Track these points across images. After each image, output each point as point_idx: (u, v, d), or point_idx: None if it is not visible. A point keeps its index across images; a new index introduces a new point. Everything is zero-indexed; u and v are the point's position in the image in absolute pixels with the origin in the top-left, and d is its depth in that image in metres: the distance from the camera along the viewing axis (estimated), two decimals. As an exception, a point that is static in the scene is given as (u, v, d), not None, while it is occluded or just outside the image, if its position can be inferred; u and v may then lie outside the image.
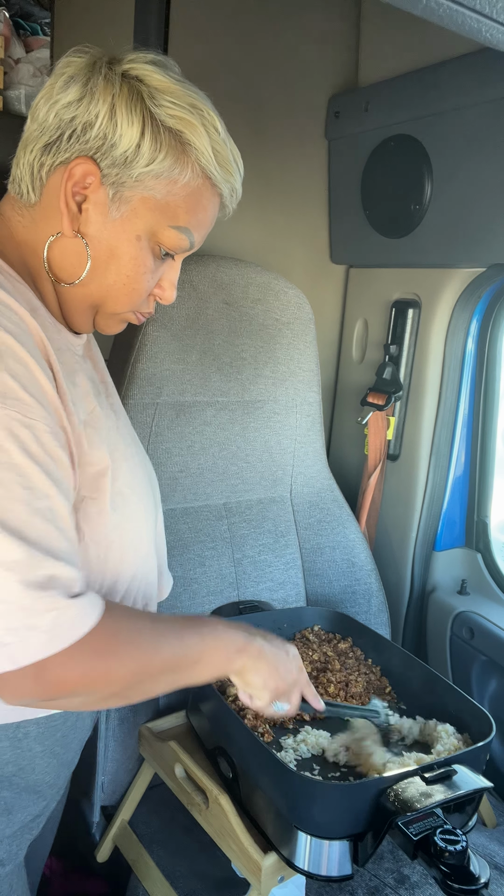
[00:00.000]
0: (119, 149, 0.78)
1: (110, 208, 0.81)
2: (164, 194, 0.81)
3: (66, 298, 0.86)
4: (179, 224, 0.83)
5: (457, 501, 1.81)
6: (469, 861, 0.94)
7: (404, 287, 1.77)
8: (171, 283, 0.90)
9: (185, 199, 0.82)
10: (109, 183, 0.79)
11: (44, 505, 0.71)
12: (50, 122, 0.79)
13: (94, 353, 0.99)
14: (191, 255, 1.53)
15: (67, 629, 0.70)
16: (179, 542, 1.50)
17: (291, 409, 1.66)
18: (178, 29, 1.52)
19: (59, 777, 0.96)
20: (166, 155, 0.79)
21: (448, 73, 1.48)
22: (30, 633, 0.68)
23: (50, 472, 0.72)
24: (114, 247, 0.82)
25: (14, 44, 1.98)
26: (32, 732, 0.88)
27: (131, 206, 0.81)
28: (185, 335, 1.48)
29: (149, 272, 0.85)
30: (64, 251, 0.83)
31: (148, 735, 1.34)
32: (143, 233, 0.82)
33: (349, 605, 1.69)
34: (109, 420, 0.89)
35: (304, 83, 1.76)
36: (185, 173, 0.81)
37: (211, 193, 0.85)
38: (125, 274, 0.84)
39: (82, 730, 0.98)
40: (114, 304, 0.86)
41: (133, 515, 0.88)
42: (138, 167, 0.79)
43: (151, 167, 0.79)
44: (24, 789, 0.90)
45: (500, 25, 0.68)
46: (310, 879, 1.11)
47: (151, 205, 0.81)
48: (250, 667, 0.93)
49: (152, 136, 0.78)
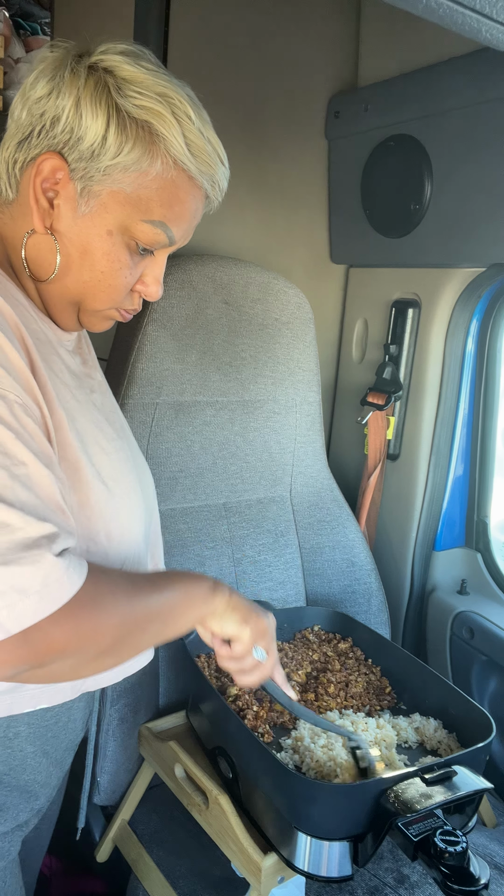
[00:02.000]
0: (85, 142, 0.77)
1: (79, 203, 0.80)
2: (134, 188, 0.79)
3: (46, 296, 0.86)
4: (153, 218, 0.81)
5: (457, 501, 1.81)
6: (469, 862, 0.94)
7: (404, 287, 1.77)
8: (155, 278, 0.87)
9: (158, 192, 0.80)
10: (78, 178, 0.78)
11: (21, 472, 0.70)
12: (23, 119, 0.79)
13: (85, 349, 0.98)
14: (190, 254, 1.53)
15: (57, 589, 0.69)
16: (179, 541, 1.50)
17: (291, 408, 1.66)
18: (178, 29, 1.52)
19: (51, 776, 0.95)
20: (133, 147, 0.77)
21: (448, 73, 1.48)
22: (19, 598, 0.66)
23: (25, 441, 0.71)
24: (85, 242, 0.81)
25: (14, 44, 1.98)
26: (23, 732, 0.88)
27: (100, 201, 0.80)
28: (184, 335, 1.48)
29: (125, 268, 0.83)
30: (38, 248, 0.83)
31: (148, 735, 1.34)
32: (114, 227, 0.81)
33: (349, 605, 1.69)
34: (89, 413, 0.88)
35: (304, 83, 1.76)
36: (156, 165, 0.79)
37: (189, 186, 0.82)
38: (99, 270, 0.82)
39: (73, 730, 0.98)
40: (93, 300, 0.85)
41: (118, 508, 0.87)
42: (105, 160, 0.77)
43: (118, 160, 0.77)
44: (15, 788, 0.90)
45: (500, 25, 0.68)
46: (310, 880, 1.11)
47: (121, 199, 0.79)
48: (226, 604, 0.91)
49: (118, 128, 0.77)
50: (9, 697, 0.83)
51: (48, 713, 0.90)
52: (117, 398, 1.42)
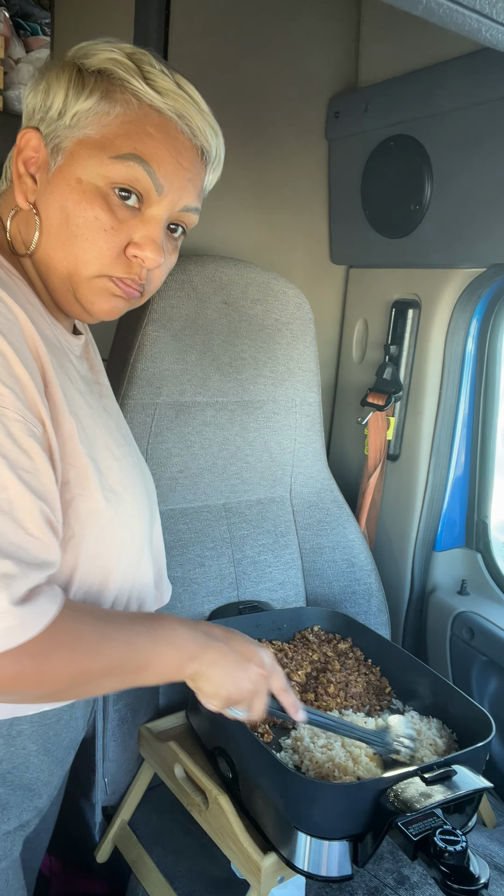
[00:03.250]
0: (53, 108, 0.80)
1: (50, 163, 0.81)
2: (97, 129, 0.79)
3: (47, 280, 0.85)
4: (122, 152, 0.78)
5: (457, 501, 1.81)
6: (469, 861, 0.94)
7: (404, 287, 1.77)
8: (149, 238, 0.81)
9: (124, 126, 0.79)
10: (49, 141, 0.81)
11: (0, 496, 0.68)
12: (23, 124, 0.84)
13: (92, 354, 0.99)
14: (190, 254, 1.52)
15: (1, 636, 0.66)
16: (179, 542, 1.50)
17: (291, 409, 1.66)
18: (178, 29, 1.52)
19: (53, 775, 0.96)
20: (92, 91, 0.79)
21: (448, 73, 1.48)
22: None
23: (14, 462, 0.69)
24: (61, 200, 0.80)
25: (14, 44, 1.98)
26: (26, 731, 0.88)
27: (68, 152, 0.80)
28: (184, 335, 1.48)
29: (102, 219, 0.79)
30: (20, 225, 0.84)
31: (148, 735, 1.34)
32: (83, 175, 0.79)
33: (349, 606, 1.69)
34: (101, 419, 0.88)
35: (304, 83, 1.76)
36: (117, 106, 0.79)
37: (159, 120, 0.80)
38: (77, 224, 0.79)
39: (75, 729, 0.98)
40: (83, 266, 0.81)
41: (126, 515, 0.87)
42: (69, 115, 0.79)
43: (77, 107, 0.79)
44: (18, 787, 0.90)
45: (500, 25, 0.68)
46: (309, 880, 1.11)
47: (88, 144, 0.79)
48: (201, 674, 0.87)
49: (78, 83, 0.79)
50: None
51: (50, 712, 0.90)
52: (117, 398, 1.42)
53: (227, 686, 0.89)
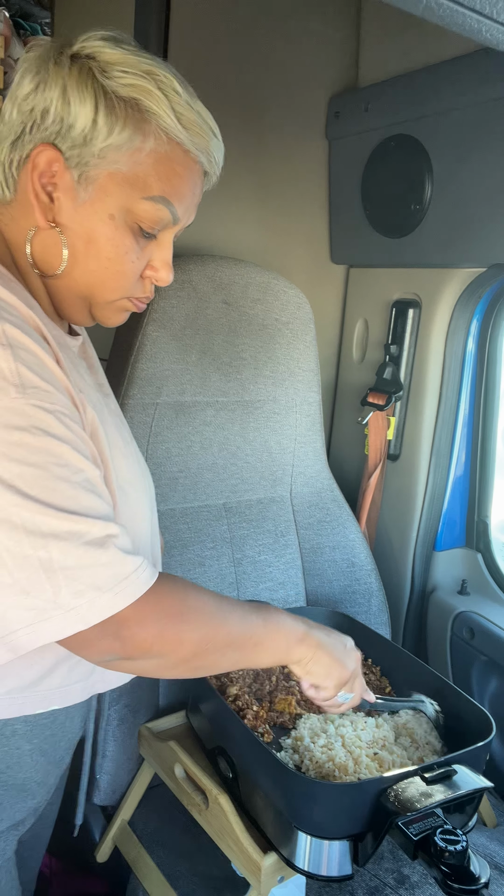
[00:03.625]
0: (76, 129, 0.77)
1: (78, 191, 0.79)
2: (130, 166, 0.79)
3: (56, 292, 0.86)
4: (153, 194, 0.80)
5: (457, 501, 1.81)
6: (469, 861, 0.94)
7: (404, 287, 1.77)
8: (164, 261, 0.86)
9: (155, 166, 0.80)
10: (73, 165, 0.78)
11: (82, 478, 0.74)
12: (14, 118, 0.79)
13: (89, 354, 0.99)
14: (190, 254, 1.52)
15: (130, 584, 0.75)
16: (179, 542, 1.50)
17: (291, 409, 1.66)
18: (178, 29, 1.52)
19: (48, 775, 0.96)
20: (124, 125, 0.77)
21: (448, 73, 1.48)
22: (95, 594, 0.72)
23: (78, 448, 0.75)
24: (89, 230, 0.81)
25: (14, 44, 1.98)
26: (20, 730, 0.88)
27: (99, 185, 0.79)
28: (184, 335, 1.48)
29: (131, 252, 0.83)
30: (44, 244, 0.82)
31: (148, 735, 1.34)
32: (115, 210, 0.80)
33: (349, 605, 1.69)
34: (110, 417, 0.90)
35: (304, 83, 1.76)
36: (149, 141, 0.78)
37: (184, 159, 0.81)
38: (105, 257, 0.82)
39: (72, 730, 0.98)
40: (102, 290, 0.85)
41: (132, 511, 0.89)
42: (98, 143, 0.77)
43: (111, 140, 0.77)
44: (11, 787, 0.90)
45: (500, 25, 0.68)
46: (310, 879, 1.11)
47: (119, 179, 0.79)
48: (311, 657, 0.96)
49: (107, 109, 0.77)
50: (20, 697, 0.84)
51: (46, 712, 0.90)
52: (117, 398, 1.42)
53: (336, 666, 1.00)
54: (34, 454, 0.70)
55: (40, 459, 0.71)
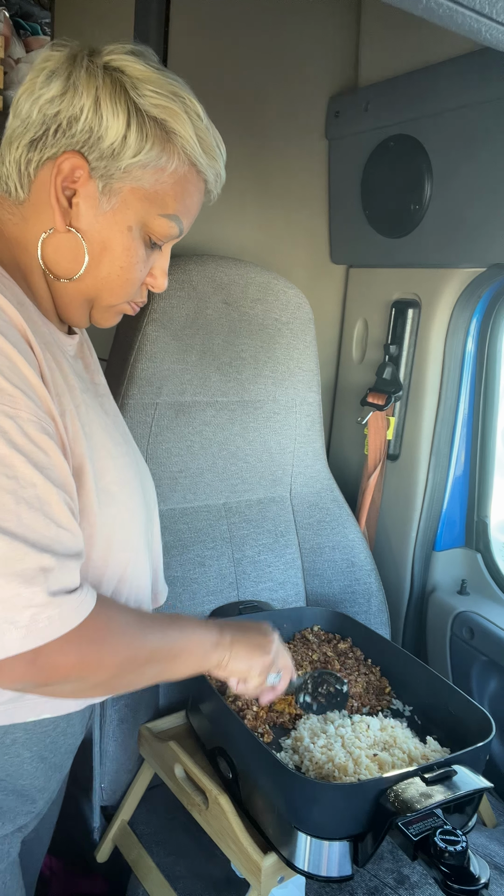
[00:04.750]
0: (106, 141, 0.78)
1: (100, 201, 0.81)
2: (152, 183, 0.82)
3: (61, 294, 0.86)
4: (169, 212, 0.84)
5: (457, 501, 1.81)
6: (469, 861, 0.94)
7: (404, 287, 1.77)
8: (163, 270, 0.90)
9: (173, 186, 0.83)
10: (98, 176, 0.80)
11: (30, 493, 0.70)
12: (34, 118, 0.79)
13: (87, 353, 0.99)
14: (190, 254, 1.53)
15: (44, 627, 0.70)
16: (179, 542, 1.50)
17: (291, 409, 1.66)
18: (178, 29, 1.52)
19: (49, 781, 0.95)
20: (153, 145, 0.79)
21: (448, 73, 1.48)
22: (8, 628, 0.69)
23: (36, 461, 0.72)
24: (106, 239, 0.83)
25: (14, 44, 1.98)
26: (20, 738, 0.88)
27: (121, 198, 0.81)
28: (184, 335, 1.48)
29: (141, 262, 0.86)
30: (58, 247, 0.83)
31: (148, 735, 1.34)
32: (134, 223, 0.83)
33: (349, 605, 1.69)
34: (99, 418, 0.89)
35: (304, 83, 1.76)
36: (172, 162, 0.81)
37: (197, 180, 0.85)
38: (119, 265, 0.84)
39: (73, 735, 0.98)
40: (109, 295, 0.87)
41: (120, 514, 0.88)
42: (126, 158, 0.79)
43: (139, 157, 0.79)
44: (12, 792, 0.90)
45: (500, 25, 0.68)
46: (310, 880, 1.11)
47: (141, 195, 0.82)
48: (228, 656, 0.95)
49: (138, 126, 0.78)
50: (11, 706, 0.84)
51: (46, 720, 0.90)
52: (117, 398, 1.42)
53: (256, 655, 0.99)
54: None
55: None
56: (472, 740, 1.18)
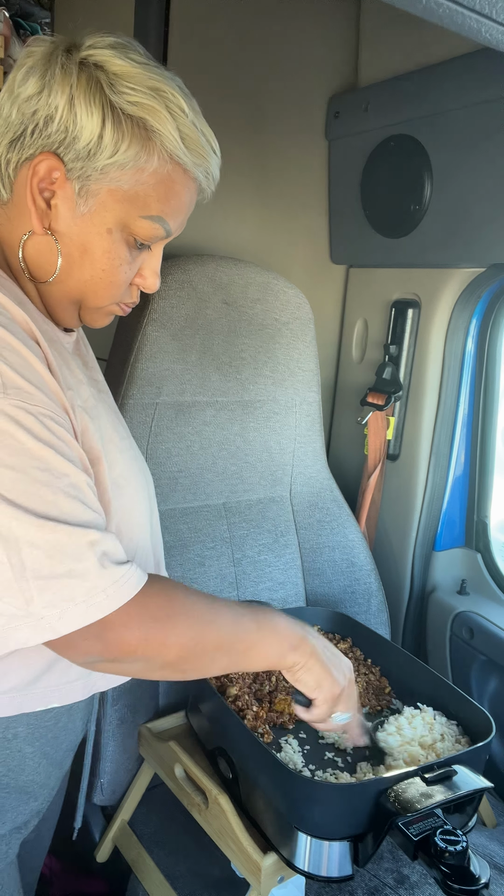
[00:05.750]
0: (81, 142, 0.76)
1: (78, 203, 0.79)
2: (132, 184, 0.79)
3: (47, 296, 0.86)
4: (151, 213, 0.81)
5: (457, 501, 1.81)
6: (469, 861, 0.94)
7: (404, 287, 1.77)
8: (153, 270, 0.88)
9: (155, 187, 0.80)
10: (75, 177, 0.78)
11: (65, 483, 0.73)
12: (13, 118, 0.78)
13: (84, 351, 0.99)
14: (190, 254, 1.53)
15: (102, 601, 0.73)
16: (179, 542, 1.50)
17: (291, 409, 1.66)
18: (178, 29, 1.52)
19: (50, 777, 0.95)
20: (130, 144, 0.77)
21: (448, 73, 1.48)
22: (67, 605, 0.71)
23: (63, 452, 0.74)
24: (85, 241, 0.81)
25: (14, 44, 1.98)
26: (22, 733, 0.88)
27: (99, 200, 0.79)
28: (184, 335, 1.48)
29: (125, 263, 0.84)
30: (38, 249, 0.82)
31: (147, 735, 1.34)
32: (113, 225, 0.81)
33: (349, 605, 1.69)
34: (105, 413, 0.90)
35: (304, 83, 1.76)
36: (153, 161, 0.78)
37: (184, 179, 0.82)
38: (100, 268, 0.83)
39: (73, 731, 0.98)
40: (94, 298, 0.86)
41: (130, 505, 0.89)
42: (102, 159, 0.77)
43: (115, 158, 0.77)
44: (13, 790, 0.90)
45: (500, 25, 0.68)
46: (310, 880, 1.11)
47: (120, 196, 0.79)
48: (302, 664, 0.94)
49: (113, 126, 0.76)
50: (20, 696, 0.84)
51: (48, 714, 0.90)
52: (117, 398, 1.42)
53: (328, 678, 0.96)
54: (13, 456, 0.69)
55: (20, 462, 0.70)
56: (471, 740, 1.18)
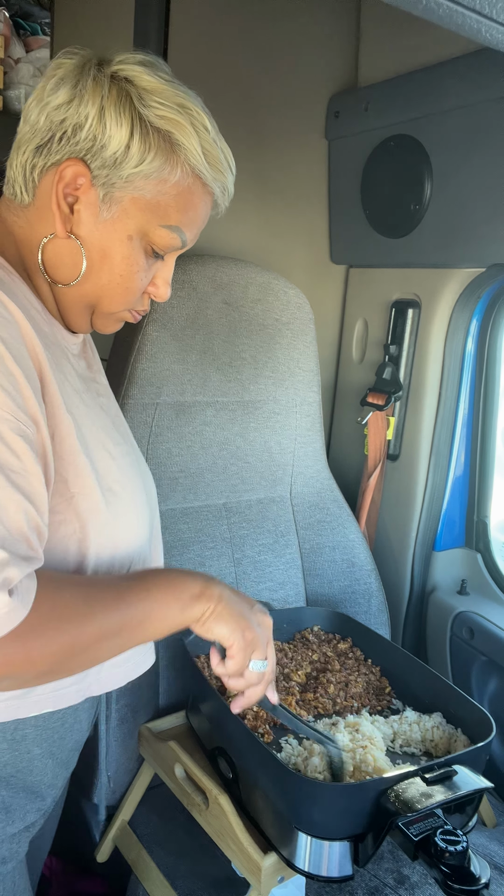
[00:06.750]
0: (108, 150, 0.79)
1: (101, 209, 0.82)
2: (154, 194, 0.82)
3: (62, 299, 0.87)
4: (171, 223, 0.85)
5: (457, 501, 1.81)
6: (469, 861, 0.94)
7: (404, 287, 1.77)
8: (165, 280, 0.91)
9: (176, 198, 0.84)
10: (100, 184, 0.81)
11: None
12: (41, 124, 0.81)
13: (90, 353, 1.00)
14: (190, 254, 1.53)
15: None
16: (179, 542, 1.50)
17: (291, 409, 1.66)
18: (178, 29, 1.52)
19: (57, 777, 0.96)
20: (155, 155, 0.80)
21: (448, 73, 1.48)
22: None
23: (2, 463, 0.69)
24: (106, 247, 0.83)
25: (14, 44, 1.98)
26: (30, 735, 0.88)
27: (122, 207, 0.82)
28: (184, 335, 1.48)
29: (141, 271, 0.86)
30: (58, 252, 0.84)
31: (148, 735, 1.34)
32: (134, 233, 0.84)
33: (349, 605, 1.69)
34: (98, 418, 0.89)
35: (304, 83, 1.76)
36: (175, 173, 0.82)
37: (202, 192, 0.86)
38: (118, 273, 0.85)
39: (80, 731, 0.98)
40: (109, 303, 0.88)
41: (125, 513, 0.88)
42: (128, 168, 0.80)
43: (141, 168, 0.80)
44: (22, 790, 0.90)
45: (500, 25, 0.68)
46: (310, 880, 1.11)
47: (142, 205, 0.83)
48: (211, 611, 0.87)
49: (141, 136, 0.79)
50: (15, 702, 0.84)
51: (55, 715, 0.90)
52: (117, 398, 1.42)
53: (241, 621, 0.89)
54: None
55: None
56: (472, 740, 1.18)
